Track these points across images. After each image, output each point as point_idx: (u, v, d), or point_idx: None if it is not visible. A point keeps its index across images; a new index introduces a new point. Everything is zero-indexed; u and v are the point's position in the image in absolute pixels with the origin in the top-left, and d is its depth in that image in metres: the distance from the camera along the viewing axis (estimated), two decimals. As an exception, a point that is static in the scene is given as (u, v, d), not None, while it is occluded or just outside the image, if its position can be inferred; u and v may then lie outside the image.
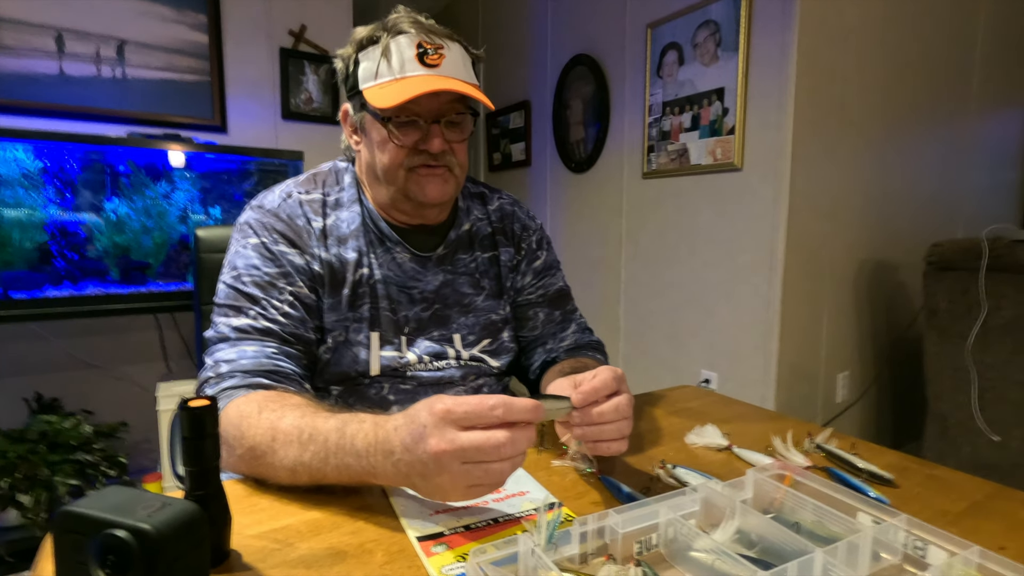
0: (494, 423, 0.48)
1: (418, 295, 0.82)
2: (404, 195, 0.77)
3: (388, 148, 0.75)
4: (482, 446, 0.47)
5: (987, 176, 2.60)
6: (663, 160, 2.19)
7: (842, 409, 2.10)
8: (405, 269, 0.81)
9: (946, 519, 0.55)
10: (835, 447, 0.68)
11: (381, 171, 0.77)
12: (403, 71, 0.71)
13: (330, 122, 2.44)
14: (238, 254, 0.74)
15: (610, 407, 0.58)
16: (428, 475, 0.49)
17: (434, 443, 0.47)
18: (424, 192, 0.76)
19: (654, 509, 0.49)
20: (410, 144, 0.74)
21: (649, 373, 2.34)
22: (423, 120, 0.73)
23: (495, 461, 0.48)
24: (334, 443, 0.54)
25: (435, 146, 0.73)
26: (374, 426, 0.53)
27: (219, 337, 0.69)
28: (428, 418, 0.49)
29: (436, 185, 0.76)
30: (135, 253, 1.93)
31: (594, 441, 0.59)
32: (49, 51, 1.90)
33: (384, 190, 0.79)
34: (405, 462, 0.50)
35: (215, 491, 0.45)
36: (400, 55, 0.72)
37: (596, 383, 0.58)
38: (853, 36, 1.90)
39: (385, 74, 0.72)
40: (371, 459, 0.52)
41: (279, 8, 2.29)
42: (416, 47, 0.71)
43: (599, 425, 0.58)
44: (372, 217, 0.81)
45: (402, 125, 0.73)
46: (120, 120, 2.02)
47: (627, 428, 0.59)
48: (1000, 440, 1.69)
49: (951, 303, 1.78)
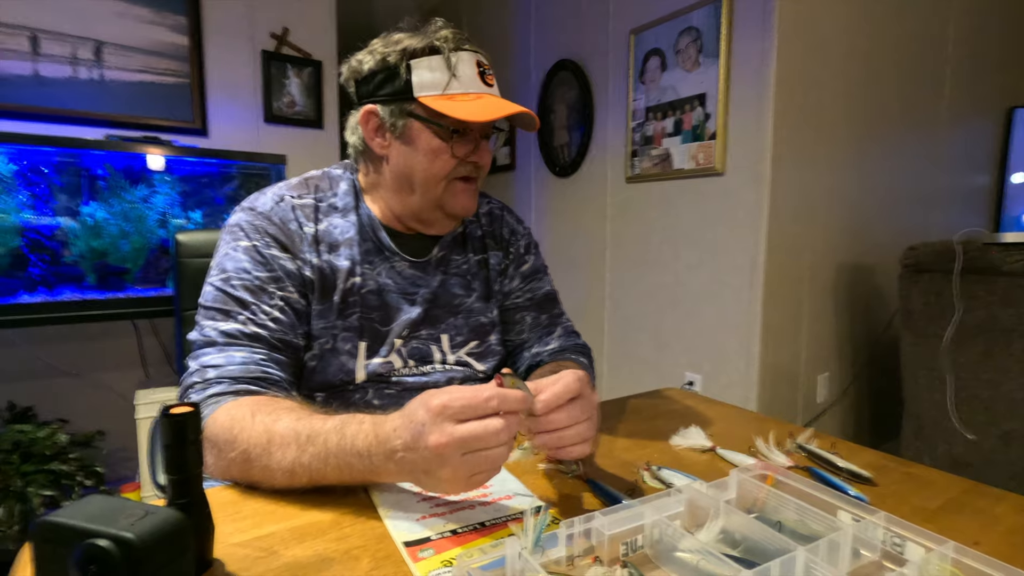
0: (489, 414, 0.50)
1: (419, 299, 0.82)
2: (438, 205, 0.79)
3: (440, 157, 0.76)
4: (481, 435, 0.49)
5: (960, 181, 2.67)
6: (646, 165, 2.21)
7: (822, 409, 2.13)
8: (406, 276, 0.82)
9: (923, 515, 0.57)
10: (816, 447, 0.70)
11: (422, 179, 0.77)
12: (471, 87, 0.75)
13: (313, 126, 2.42)
14: (228, 256, 0.73)
15: (568, 415, 0.55)
16: (431, 470, 0.50)
17: (434, 439, 0.49)
18: (460, 204, 0.80)
19: (640, 511, 0.49)
20: (462, 155, 0.77)
21: (634, 375, 2.36)
22: (477, 134, 0.78)
23: (494, 447, 0.50)
24: (334, 444, 0.55)
25: (485, 159, 0.79)
26: (373, 426, 0.54)
27: (206, 341, 0.68)
28: (426, 415, 0.50)
29: (470, 199, 0.81)
30: (113, 258, 1.89)
31: (556, 447, 0.56)
32: (23, 52, 1.86)
33: (413, 199, 0.79)
34: (408, 460, 0.51)
35: (198, 499, 0.45)
36: (465, 71, 0.75)
37: (558, 388, 0.55)
38: (830, 44, 1.94)
39: (456, 87, 0.74)
40: (373, 459, 0.53)
41: (261, 11, 2.27)
42: (476, 65, 0.76)
43: (559, 432, 0.55)
44: (372, 226, 0.81)
45: (461, 137, 0.76)
46: (98, 123, 1.98)
47: (588, 430, 0.57)
48: (975, 439, 1.73)
49: (926, 305, 1.83)
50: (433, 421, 0.49)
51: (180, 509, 0.42)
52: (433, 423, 0.49)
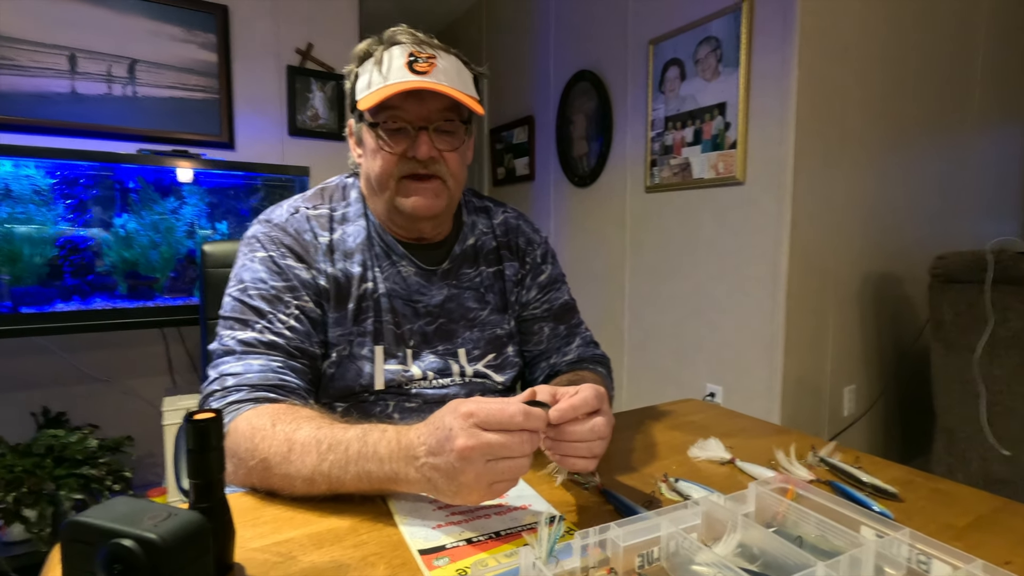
0: (513, 428, 0.51)
1: (423, 309, 0.82)
2: (394, 207, 0.78)
3: (379, 155, 0.76)
4: (507, 443, 0.50)
5: (990, 188, 2.60)
6: (666, 174, 2.20)
7: (849, 423, 2.08)
8: (410, 283, 0.82)
9: (951, 533, 0.55)
10: (839, 460, 0.68)
11: (375, 180, 0.78)
12: (392, 78, 0.72)
13: (336, 138, 2.48)
14: (245, 267, 0.75)
15: (585, 428, 0.56)
16: (453, 475, 0.51)
17: (461, 442, 0.50)
18: (410, 203, 0.77)
19: (656, 522, 0.49)
20: (399, 151, 0.75)
21: (654, 386, 2.33)
22: (411, 127, 0.74)
23: (517, 457, 0.51)
24: (355, 451, 0.56)
25: (421, 152, 0.74)
26: (396, 433, 0.56)
27: (224, 350, 0.70)
28: (454, 420, 0.51)
29: (425, 197, 0.77)
30: (143, 268, 1.95)
31: (561, 455, 0.57)
32: (62, 70, 1.94)
33: (380, 202, 0.80)
34: (430, 465, 0.52)
35: (219, 503, 0.46)
36: (390, 63, 0.73)
37: (575, 400, 0.56)
38: (853, 50, 1.92)
39: (377, 82, 0.73)
40: (394, 464, 0.54)
41: (286, 28, 2.33)
42: (407, 55, 0.73)
43: (571, 442, 0.56)
44: (378, 230, 0.82)
45: (392, 132, 0.75)
46: (130, 137, 2.05)
47: (599, 448, 0.57)
48: (1010, 455, 1.67)
49: (957, 316, 1.78)
50: (461, 426, 0.50)
51: (202, 512, 0.43)
52: (461, 428, 0.50)
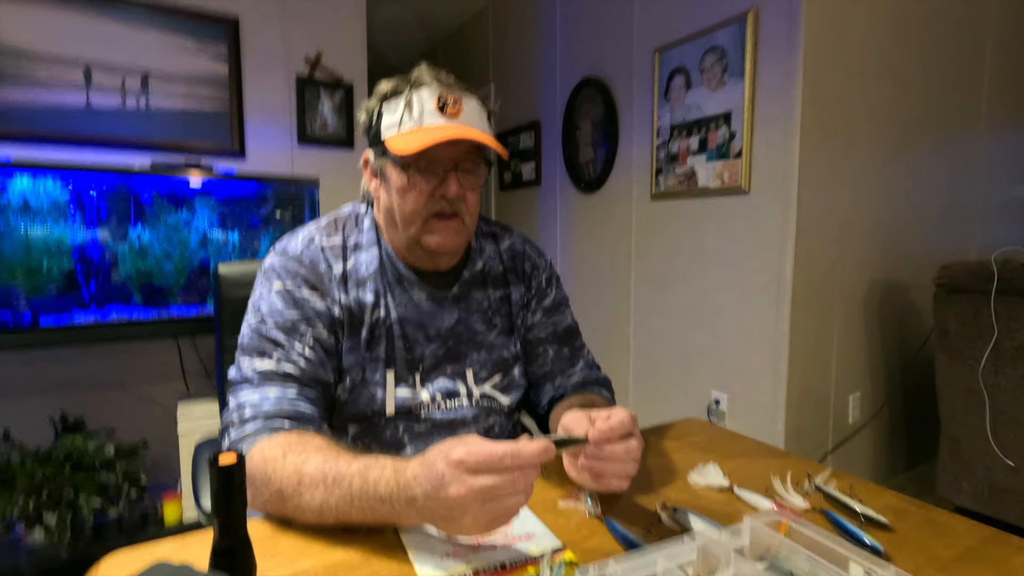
0: (503, 470, 0.53)
1: (434, 333, 0.85)
2: (417, 243, 0.81)
3: (409, 195, 0.78)
4: (498, 485, 0.52)
5: (998, 195, 2.59)
6: (671, 182, 2.22)
7: (854, 430, 2.09)
8: (422, 308, 0.85)
9: (938, 564, 0.57)
10: (834, 489, 0.70)
11: (400, 217, 0.80)
12: (424, 121, 0.76)
13: (344, 145, 2.51)
14: (262, 298, 0.78)
15: (621, 449, 0.64)
16: (452, 517, 0.54)
17: (454, 490, 0.52)
18: (436, 241, 0.80)
19: (652, 558, 0.51)
20: (428, 190, 0.78)
21: (659, 393, 2.36)
22: (442, 168, 0.77)
23: (511, 495, 0.53)
24: (358, 488, 0.58)
25: (451, 191, 0.77)
26: (394, 472, 0.57)
27: (243, 378, 0.73)
28: (445, 468, 0.53)
29: (448, 236, 0.80)
30: (157, 278, 1.99)
31: (597, 475, 0.65)
32: (77, 84, 1.98)
33: (401, 235, 0.82)
34: (428, 508, 0.55)
35: (242, 541, 0.49)
36: (421, 106, 0.76)
37: (613, 423, 0.64)
38: (859, 60, 1.92)
39: (407, 123, 0.76)
40: (394, 505, 0.56)
41: (296, 38, 2.36)
42: (436, 99, 0.76)
43: (607, 462, 0.64)
44: (390, 258, 0.85)
45: (422, 172, 0.77)
46: (143, 148, 2.09)
47: (632, 469, 0.65)
48: (1014, 465, 1.67)
49: (962, 325, 1.78)
50: (452, 474, 0.52)
51: (226, 549, 0.47)
52: (453, 476, 0.52)
